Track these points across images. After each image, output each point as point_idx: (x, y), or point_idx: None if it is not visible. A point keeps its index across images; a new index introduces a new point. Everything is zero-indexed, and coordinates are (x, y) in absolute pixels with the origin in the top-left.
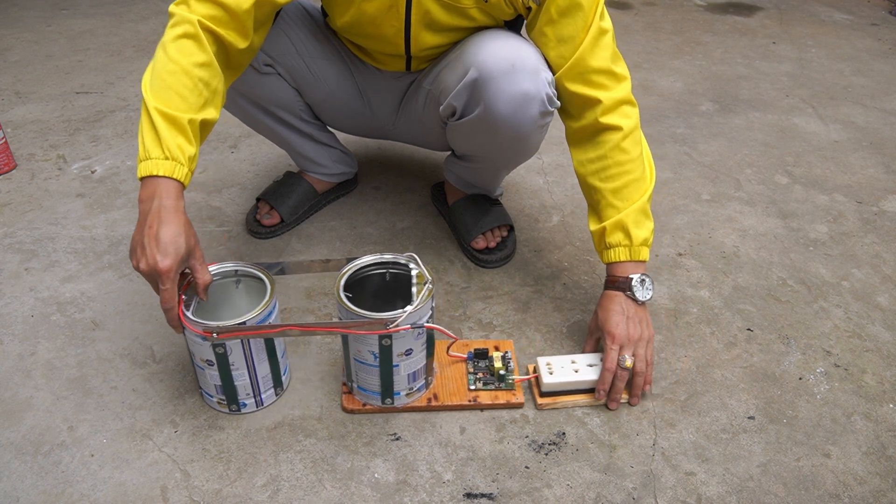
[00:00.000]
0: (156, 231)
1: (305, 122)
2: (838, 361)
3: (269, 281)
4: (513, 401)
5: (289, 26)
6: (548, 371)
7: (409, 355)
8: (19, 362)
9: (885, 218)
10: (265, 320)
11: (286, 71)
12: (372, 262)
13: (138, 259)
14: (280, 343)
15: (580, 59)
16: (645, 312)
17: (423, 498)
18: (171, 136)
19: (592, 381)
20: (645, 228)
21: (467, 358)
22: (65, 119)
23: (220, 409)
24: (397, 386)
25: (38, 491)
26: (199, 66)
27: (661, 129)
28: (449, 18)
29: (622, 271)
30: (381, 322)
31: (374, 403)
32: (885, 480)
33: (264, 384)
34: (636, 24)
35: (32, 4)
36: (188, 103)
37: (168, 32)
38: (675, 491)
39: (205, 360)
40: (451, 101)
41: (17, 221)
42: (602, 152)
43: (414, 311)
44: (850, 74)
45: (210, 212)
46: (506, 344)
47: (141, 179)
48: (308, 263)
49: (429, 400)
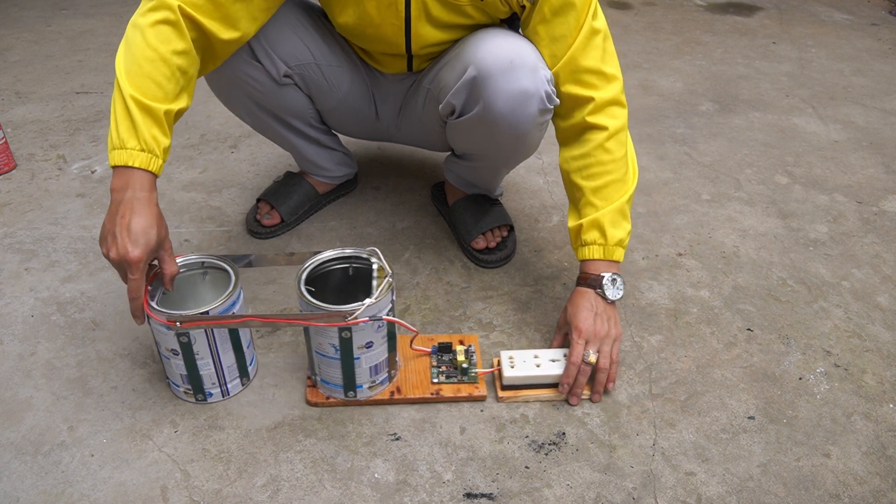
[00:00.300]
0: (128, 221)
1: (314, 129)
2: (838, 361)
3: (233, 273)
4: (475, 394)
5: (306, 31)
6: (510, 365)
7: (370, 348)
8: (19, 362)
9: (885, 218)
10: (228, 310)
11: (302, 80)
12: (334, 256)
13: (108, 247)
14: (245, 334)
15: (571, 58)
16: (614, 311)
17: (423, 498)
18: (146, 127)
19: (554, 376)
20: (621, 229)
21: (431, 352)
22: (65, 119)
23: (187, 398)
24: (359, 379)
25: (38, 491)
26: (178, 55)
27: (661, 129)
28: (446, 15)
29: (594, 269)
30: (340, 314)
31: (337, 396)
32: (885, 480)
33: (230, 374)
34: (636, 24)
35: (32, 4)
36: (165, 92)
37: (146, 14)
38: (675, 491)
39: (170, 349)
40: (450, 99)
41: (17, 221)
42: (586, 150)
43: (373, 304)
44: (850, 74)
45: (210, 212)
46: (470, 338)
47: (113, 167)
48: (273, 256)
49: (392, 393)
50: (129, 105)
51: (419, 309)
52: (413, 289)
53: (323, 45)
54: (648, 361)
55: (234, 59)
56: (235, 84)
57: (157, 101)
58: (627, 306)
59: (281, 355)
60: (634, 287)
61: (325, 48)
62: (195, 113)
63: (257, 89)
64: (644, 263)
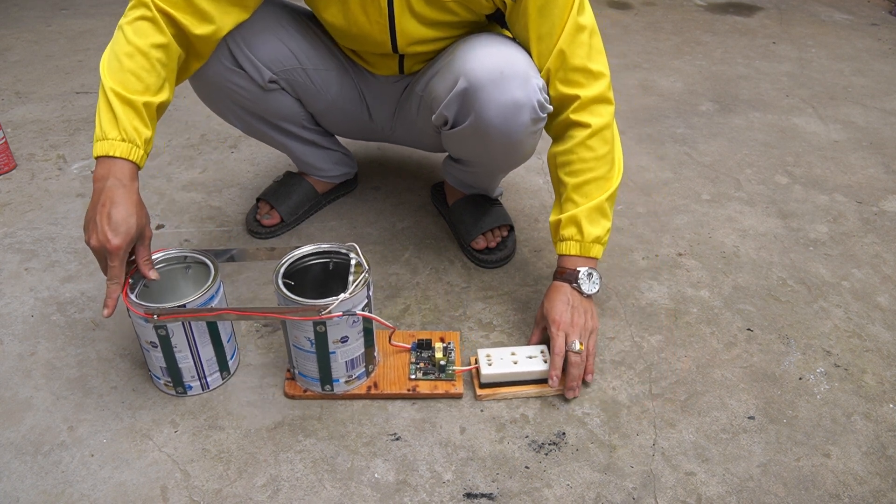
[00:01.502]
0: (108, 210)
1: (308, 130)
2: (838, 361)
3: (213, 266)
4: (452, 391)
5: (290, 35)
6: (487, 362)
7: (346, 343)
8: (19, 362)
9: (885, 218)
10: (207, 304)
11: (289, 84)
12: (313, 251)
13: (89, 235)
14: (225, 328)
15: (557, 56)
16: (590, 304)
17: (423, 498)
18: (127, 119)
19: (532, 373)
20: (599, 227)
21: (411, 348)
22: (65, 119)
23: (167, 391)
24: (336, 373)
25: (38, 491)
26: (157, 48)
27: (661, 129)
28: (430, 11)
29: (571, 264)
30: (315, 308)
31: (314, 390)
32: (885, 480)
33: (209, 367)
34: (636, 24)
35: (32, 4)
36: (145, 84)
37: (127, 15)
38: (675, 491)
39: (149, 342)
40: (442, 111)
41: (17, 221)
42: (568, 147)
43: (347, 299)
44: (850, 74)
45: (210, 212)
46: (451, 335)
47: (96, 158)
48: (255, 251)
49: (368, 388)
50: (110, 98)
51: (419, 309)
52: (413, 289)
53: (309, 49)
54: (648, 361)
55: (217, 67)
56: (221, 91)
57: (137, 93)
58: (627, 306)
59: (281, 355)
60: (634, 287)
61: (312, 51)
62: (195, 113)
63: (244, 96)
64: (644, 263)
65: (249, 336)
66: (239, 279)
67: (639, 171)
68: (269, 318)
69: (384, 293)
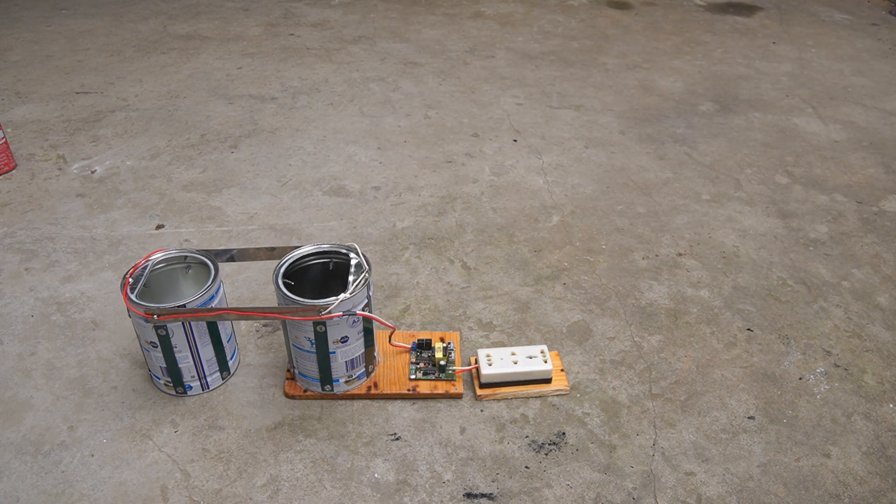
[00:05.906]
0: None
1: None
2: (838, 361)
3: (213, 266)
4: (452, 391)
5: None
6: (487, 362)
7: (346, 343)
8: (19, 362)
9: (885, 218)
10: (207, 304)
11: None
12: (313, 251)
13: None
14: (225, 327)
15: None
16: None
17: (423, 498)
18: None
19: (532, 373)
20: None
21: (411, 348)
22: (65, 119)
23: (167, 391)
24: (336, 373)
25: (38, 491)
26: None
27: (661, 129)
28: None
29: None
30: (315, 308)
31: (314, 390)
32: (885, 480)
33: (209, 367)
34: (636, 24)
35: (32, 4)
36: None
37: None
38: (675, 491)
39: (149, 342)
40: None
41: (17, 221)
42: None
43: (348, 299)
44: (850, 74)
45: (210, 212)
46: (451, 335)
47: None
48: (254, 251)
49: (368, 388)
50: None
51: (419, 309)
52: (413, 289)
53: None
54: (648, 361)
55: None
56: None
57: None
58: (627, 306)
59: (281, 355)
60: (634, 287)
61: None
62: (195, 113)
63: None
64: (644, 263)
65: (249, 336)
66: (239, 279)
67: (639, 171)
68: (269, 318)
69: (384, 293)
